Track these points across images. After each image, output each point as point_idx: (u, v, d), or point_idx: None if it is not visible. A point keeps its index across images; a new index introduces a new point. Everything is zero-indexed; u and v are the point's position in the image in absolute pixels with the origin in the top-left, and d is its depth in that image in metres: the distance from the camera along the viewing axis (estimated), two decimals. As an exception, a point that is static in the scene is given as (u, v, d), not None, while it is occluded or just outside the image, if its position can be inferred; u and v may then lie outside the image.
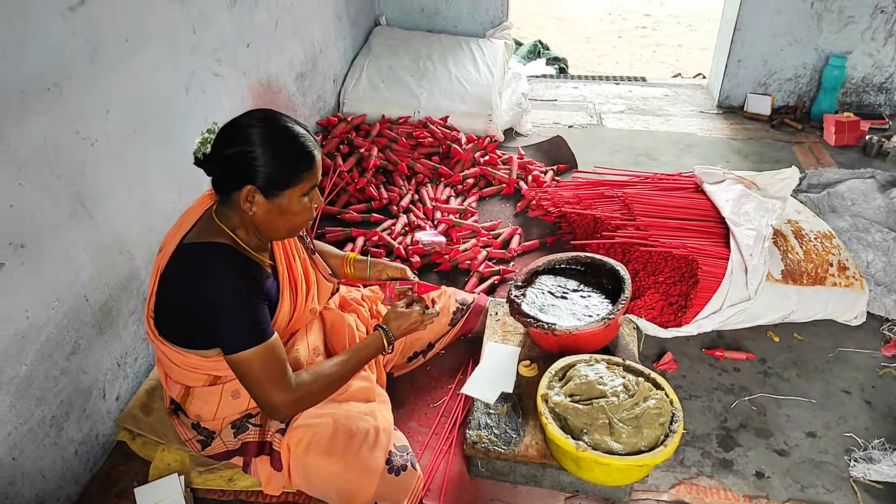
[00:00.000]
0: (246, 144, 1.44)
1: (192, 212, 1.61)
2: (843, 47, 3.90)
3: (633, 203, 2.63)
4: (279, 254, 1.69)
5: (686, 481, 1.89)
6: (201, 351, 1.60)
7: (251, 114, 1.50)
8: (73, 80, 1.70)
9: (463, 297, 2.26)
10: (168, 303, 1.57)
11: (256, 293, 1.53)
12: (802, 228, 2.55)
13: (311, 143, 1.50)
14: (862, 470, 1.89)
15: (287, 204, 1.50)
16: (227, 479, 1.84)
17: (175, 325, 1.59)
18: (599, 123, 4.11)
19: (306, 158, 1.49)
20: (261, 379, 1.51)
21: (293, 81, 3.23)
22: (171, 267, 1.54)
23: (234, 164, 1.46)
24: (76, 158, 1.74)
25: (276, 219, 1.52)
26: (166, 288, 1.56)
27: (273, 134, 1.46)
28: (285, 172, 1.47)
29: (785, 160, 3.61)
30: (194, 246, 1.52)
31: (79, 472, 1.84)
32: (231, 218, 1.55)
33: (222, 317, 1.47)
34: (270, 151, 1.44)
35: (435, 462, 1.92)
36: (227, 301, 1.47)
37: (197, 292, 1.48)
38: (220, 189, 1.53)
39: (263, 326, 1.51)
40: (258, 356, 1.49)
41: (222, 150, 1.46)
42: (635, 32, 6.73)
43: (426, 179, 3.30)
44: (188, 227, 1.57)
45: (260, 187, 1.46)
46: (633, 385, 1.76)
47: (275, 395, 1.53)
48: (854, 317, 2.40)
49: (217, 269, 1.48)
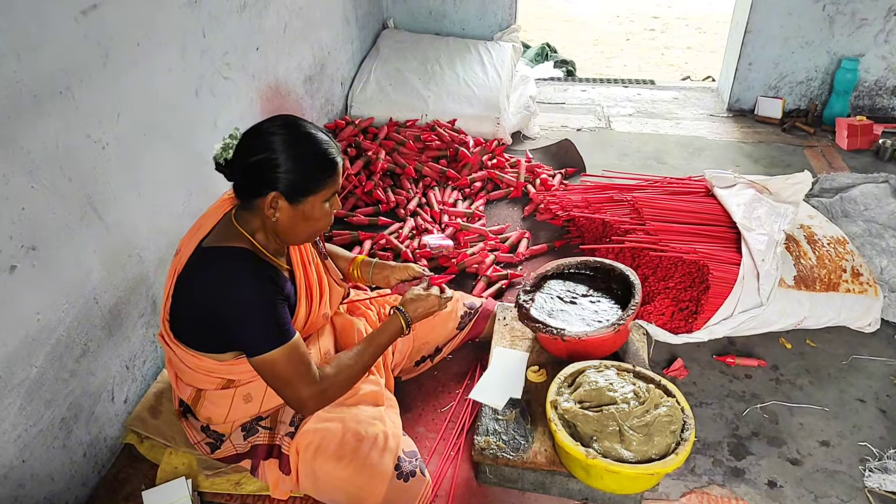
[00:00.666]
0: (270, 151, 1.45)
1: (210, 215, 1.62)
2: (855, 50, 3.87)
3: (643, 207, 2.62)
4: (296, 259, 1.69)
5: (697, 490, 1.87)
6: (216, 354, 1.61)
7: (273, 120, 1.51)
8: (84, 83, 1.71)
9: (471, 301, 2.25)
10: (185, 306, 1.58)
11: (278, 294, 1.54)
12: (815, 234, 2.53)
13: (334, 149, 1.52)
14: (877, 480, 1.87)
15: (310, 210, 1.51)
16: (235, 482, 1.84)
17: (191, 328, 1.60)
18: (608, 126, 4.09)
19: (329, 165, 1.50)
20: (288, 377, 1.52)
21: (301, 84, 3.23)
22: (190, 270, 1.55)
23: (257, 171, 1.47)
24: (87, 161, 1.74)
25: (298, 224, 1.53)
26: (184, 291, 1.57)
27: (297, 141, 1.47)
28: (309, 179, 1.48)
29: (796, 164, 3.58)
30: (214, 250, 1.53)
31: (87, 475, 1.84)
32: (251, 222, 1.55)
33: (245, 320, 1.48)
34: (294, 158, 1.45)
35: (442, 468, 1.91)
36: (249, 305, 1.48)
37: (217, 296, 1.48)
38: (242, 194, 1.54)
39: (286, 327, 1.52)
40: (283, 356, 1.50)
41: (246, 157, 1.48)
42: (643, 35, 6.71)
43: (434, 183, 3.29)
44: (206, 230, 1.58)
45: (284, 193, 1.47)
46: (643, 392, 1.75)
47: (303, 391, 1.54)
48: (868, 323, 2.37)
49: (239, 274, 1.48)
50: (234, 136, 1.52)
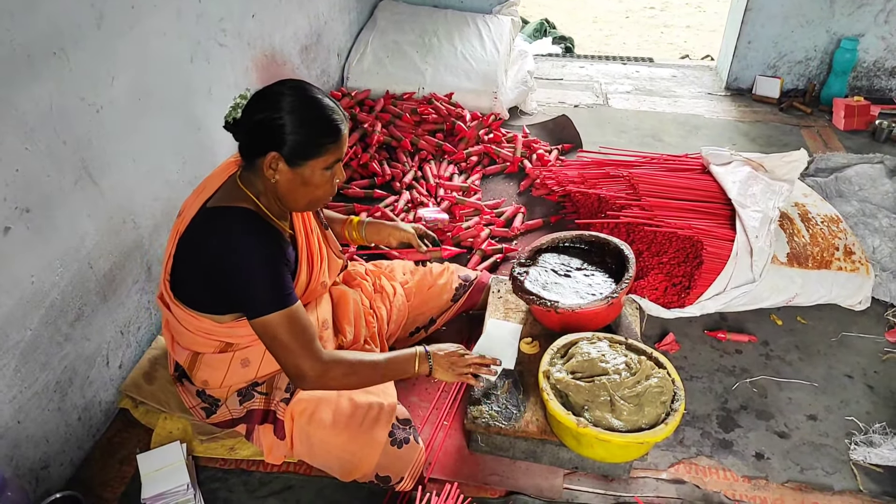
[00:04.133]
0: (274, 111, 1.45)
1: (214, 177, 1.62)
2: (855, 30, 3.84)
3: (639, 183, 2.62)
4: (298, 225, 1.69)
5: (685, 461, 1.90)
6: (216, 316, 1.61)
7: (283, 82, 1.52)
8: (78, 44, 1.68)
9: (466, 273, 2.26)
10: (188, 266, 1.58)
11: (281, 257, 1.54)
12: (809, 212, 2.54)
13: (339, 116, 1.51)
14: (862, 453, 1.90)
15: (310, 175, 1.51)
16: (229, 447, 1.86)
17: (192, 289, 1.60)
18: (605, 103, 4.07)
19: (333, 131, 1.50)
20: (289, 344, 1.51)
21: (297, 54, 3.20)
22: (193, 230, 1.55)
23: (260, 130, 1.47)
24: (82, 125, 1.73)
25: (297, 188, 1.53)
26: (186, 251, 1.57)
27: (302, 103, 1.47)
28: (310, 142, 1.48)
29: (793, 144, 3.58)
30: (218, 210, 1.53)
31: (82, 438, 1.85)
32: (255, 184, 1.56)
33: (248, 280, 1.48)
34: (298, 120, 1.46)
35: (435, 436, 1.93)
36: (253, 264, 1.48)
37: (222, 255, 1.48)
38: (246, 154, 1.55)
39: (288, 292, 1.52)
40: (285, 319, 1.50)
41: (251, 116, 1.49)
42: (643, 13, 6.65)
43: (430, 156, 3.28)
44: (211, 191, 1.58)
45: (284, 155, 1.47)
46: (635, 363, 1.77)
47: (303, 362, 1.52)
48: (859, 301, 2.40)
49: (243, 233, 1.49)
50: (244, 96, 1.53)
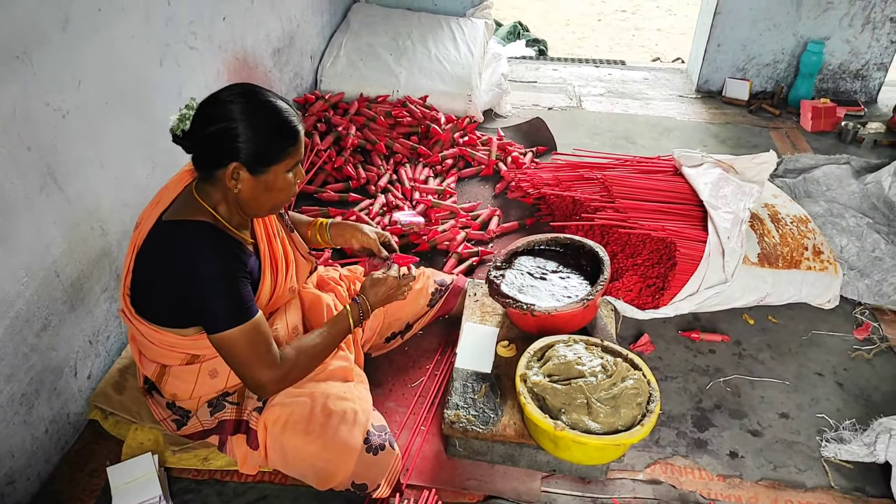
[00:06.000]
0: (228, 121, 1.41)
1: (170, 188, 1.57)
2: (821, 33, 3.93)
3: (613, 185, 2.64)
4: (260, 232, 1.66)
5: (661, 461, 1.91)
6: (179, 329, 1.57)
7: (230, 88, 1.46)
8: (43, 48, 1.64)
9: (441, 277, 2.25)
10: (146, 281, 1.54)
11: (240, 271, 1.50)
12: (779, 212, 2.58)
13: (294, 117, 1.48)
14: (833, 450, 1.93)
15: (273, 180, 1.48)
16: (202, 458, 1.82)
17: (153, 304, 1.56)
18: (579, 106, 4.10)
19: (291, 133, 1.47)
20: (247, 358, 1.49)
21: (270, 57, 3.17)
22: (150, 245, 1.51)
23: (216, 142, 1.42)
24: (47, 130, 1.69)
25: (261, 195, 1.49)
26: (144, 266, 1.53)
27: (256, 109, 1.43)
28: (271, 149, 1.44)
29: (762, 145, 3.64)
30: (174, 224, 1.49)
31: (49, 451, 1.80)
32: (212, 195, 1.51)
33: (206, 297, 1.45)
34: (254, 127, 1.41)
35: (412, 441, 1.92)
36: (210, 281, 1.44)
37: (178, 271, 1.44)
38: (202, 166, 1.50)
39: (248, 305, 1.49)
40: (244, 335, 1.47)
41: (204, 128, 1.43)
42: (615, 16, 6.72)
43: (405, 159, 3.27)
44: (166, 203, 1.53)
45: (245, 164, 1.43)
46: (611, 365, 1.77)
47: (261, 374, 1.51)
48: (828, 300, 2.44)
49: (200, 249, 1.45)
50: (190, 106, 1.46)
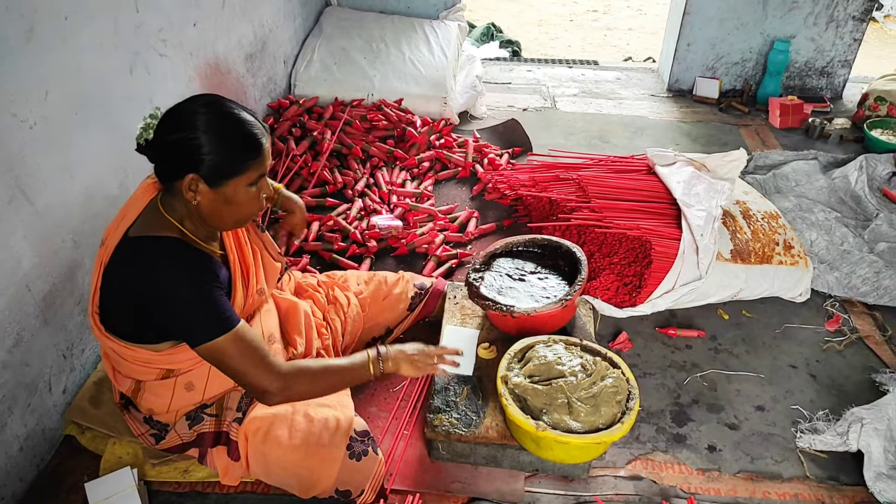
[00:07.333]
0: (190, 131, 1.38)
1: (134, 202, 1.53)
2: (787, 32, 4.00)
3: (588, 185, 2.66)
4: (229, 243, 1.63)
5: (642, 457, 1.94)
6: (152, 345, 1.54)
7: (196, 99, 1.44)
8: (7, 59, 1.61)
9: (421, 281, 2.25)
10: (115, 298, 1.50)
11: (212, 282, 1.48)
12: (750, 209, 2.63)
13: (258, 130, 1.45)
14: (807, 441, 1.97)
15: (232, 193, 1.44)
16: (182, 470, 1.80)
17: (123, 321, 1.52)
18: (553, 107, 4.13)
19: (253, 146, 1.43)
20: (243, 365, 1.46)
21: (242, 62, 3.14)
22: (116, 262, 1.47)
23: (177, 152, 1.40)
24: (14, 142, 1.66)
25: (221, 208, 1.46)
26: (112, 284, 1.49)
27: (219, 120, 1.40)
28: (231, 161, 1.41)
29: (732, 143, 3.70)
30: (141, 240, 1.46)
31: (24, 469, 1.77)
32: (177, 209, 1.49)
33: (181, 313, 1.42)
34: (215, 138, 1.39)
35: (395, 446, 1.91)
36: (183, 297, 1.41)
37: (148, 290, 1.41)
38: (164, 177, 1.47)
39: (226, 315, 1.45)
40: (231, 344, 1.44)
41: (165, 137, 1.40)
42: (586, 16, 6.78)
43: (381, 163, 3.26)
44: (132, 218, 1.50)
45: (204, 176, 1.40)
46: (590, 365, 1.79)
47: (263, 380, 1.47)
48: (799, 294, 2.49)
49: (168, 267, 1.42)
50: (154, 115, 1.43)
